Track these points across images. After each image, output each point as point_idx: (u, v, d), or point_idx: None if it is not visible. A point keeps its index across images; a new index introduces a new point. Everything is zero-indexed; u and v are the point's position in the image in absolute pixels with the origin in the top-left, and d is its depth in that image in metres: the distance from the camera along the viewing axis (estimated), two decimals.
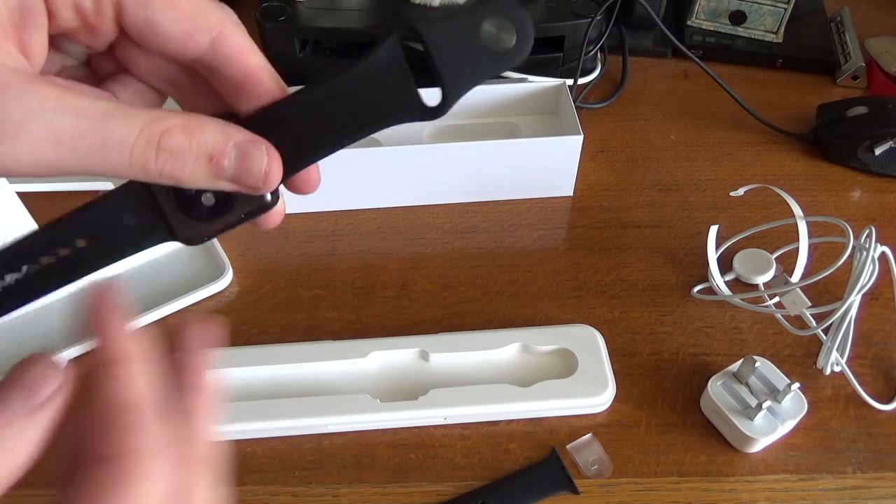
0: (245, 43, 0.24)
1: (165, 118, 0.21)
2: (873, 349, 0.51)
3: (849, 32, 0.76)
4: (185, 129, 0.21)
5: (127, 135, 0.20)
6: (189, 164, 0.21)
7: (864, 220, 0.59)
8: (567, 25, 0.67)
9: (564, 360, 0.49)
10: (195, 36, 0.22)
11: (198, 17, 0.22)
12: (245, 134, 0.23)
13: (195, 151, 0.21)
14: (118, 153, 0.20)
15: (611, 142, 0.67)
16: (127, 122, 0.20)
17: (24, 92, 0.19)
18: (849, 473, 0.44)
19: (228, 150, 0.22)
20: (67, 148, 0.20)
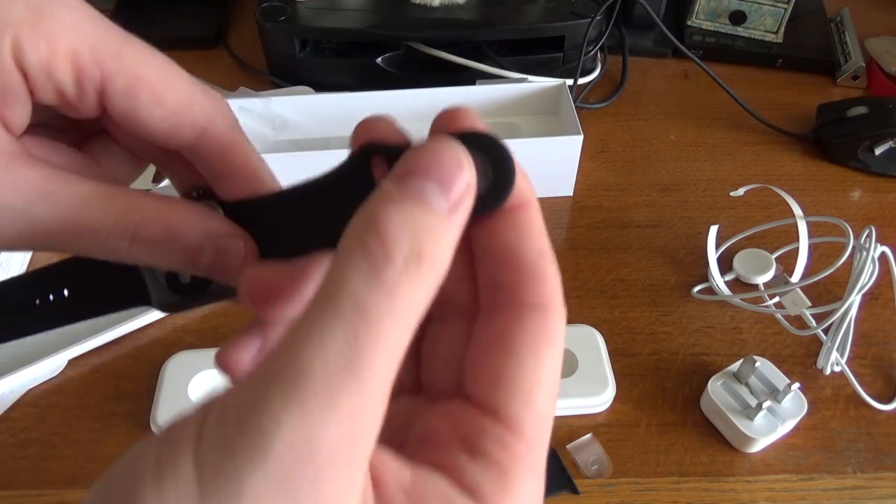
0: (232, 137, 0.22)
1: (142, 207, 0.20)
2: (873, 349, 0.51)
3: (849, 32, 0.76)
4: (162, 221, 0.21)
5: (101, 225, 0.20)
6: (163, 254, 0.21)
7: (864, 220, 0.59)
8: (567, 25, 0.67)
9: (564, 360, 0.49)
10: (179, 132, 0.21)
11: (184, 113, 0.21)
12: (223, 226, 0.22)
13: (170, 244, 0.21)
14: (91, 241, 0.20)
15: (611, 142, 0.67)
16: (102, 211, 0.20)
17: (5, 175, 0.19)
18: (849, 473, 0.44)
19: (205, 245, 0.21)
20: (40, 235, 0.19)
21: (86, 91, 0.20)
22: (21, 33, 0.19)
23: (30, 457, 0.45)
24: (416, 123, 0.71)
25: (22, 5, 0.19)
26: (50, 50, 0.19)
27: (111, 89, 0.20)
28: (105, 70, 0.20)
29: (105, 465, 0.50)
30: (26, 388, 0.48)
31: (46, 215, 0.19)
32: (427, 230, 0.16)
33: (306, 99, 0.63)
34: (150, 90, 0.20)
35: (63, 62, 0.19)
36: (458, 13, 0.67)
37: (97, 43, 0.20)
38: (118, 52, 0.20)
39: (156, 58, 0.21)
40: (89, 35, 0.20)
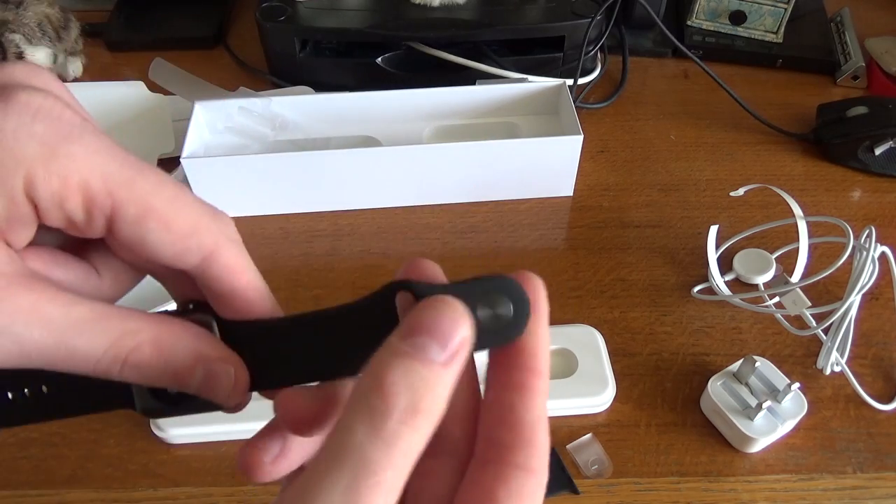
0: (237, 262, 0.23)
1: (136, 332, 0.21)
2: (873, 349, 0.51)
3: (849, 32, 0.76)
4: (155, 346, 0.21)
5: (94, 350, 0.20)
6: (154, 376, 0.22)
7: (864, 220, 0.59)
8: (567, 25, 0.67)
9: (564, 360, 0.49)
10: (186, 256, 0.22)
11: (191, 238, 0.22)
12: (217, 350, 0.23)
13: (161, 368, 0.21)
14: (82, 364, 0.20)
15: (611, 142, 0.67)
16: (96, 337, 0.20)
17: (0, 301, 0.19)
18: (849, 473, 0.45)
19: (196, 371, 0.22)
20: (32, 357, 0.20)
21: (95, 218, 0.21)
22: (34, 169, 0.19)
23: (30, 457, 0.45)
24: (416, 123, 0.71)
25: (37, 143, 0.19)
26: (61, 184, 0.20)
27: (121, 217, 0.21)
28: (116, 199, 0.21)
29: (105, 465, 0.50)
30: None
31: (39, 339, 0.20)
32: (424, 383, 0.18)
33: (306, 99, 0.63)
34: (159, 218, 0.21)
35: (74, 194, 0.20)
36: (458, 13, 0.67)
37: (110, 174, 0.20)
38: (130, 182, 0.21)
39: (166, 185, 0.22)
40: (102, 167, 0.20)
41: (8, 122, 0.19)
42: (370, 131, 0.63)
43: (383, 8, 0.68)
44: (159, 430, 0.45)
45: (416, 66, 0.69)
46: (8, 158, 0.19)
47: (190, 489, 0.44)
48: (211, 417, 0.24)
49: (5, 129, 0.19)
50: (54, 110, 0.20)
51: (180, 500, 0.44)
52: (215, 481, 0.44)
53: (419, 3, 0.67)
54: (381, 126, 0.63)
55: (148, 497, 0.44)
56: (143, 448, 0.45)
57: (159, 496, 0.44)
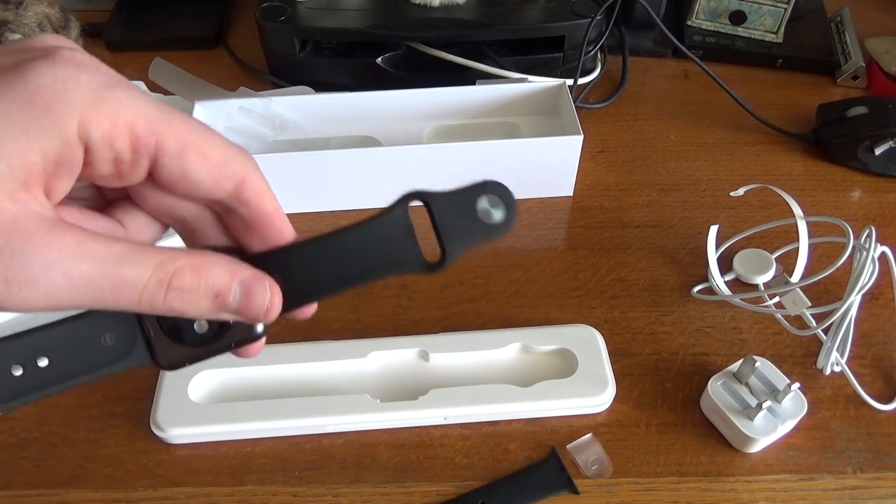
0: (264, 188, 0.26)
1: (175, 258, 0.23)
2: (873, 349, 0.51)
3: (849, 32, 0.76)
4: (194, 269, 0.23)
5: (139, 277, 0.22)
6: (196, 300, 0.23)
7: (864, 220, 0.59)
8: (567, 25, 0.67)
9: (564, 360, 0.49)
10: (222, 183, 0.24)
11: (226, 166, 0.24)
12: (250, 271, 0.25)
13: (203, 289, 0.23)
14: (129, 294, 0.22)
15: (611, 142, 0.67)
16: (140, 265, 0.22)
17: (47, 241, 0.21)
18: (849, 473, 0.45)
19: (234, 287, 0.24)
20: (81, 291, 0.21)
21: (140, 157, 0.23)
22: (87, 113, 0.21)
23: (30, 457, 0.45)
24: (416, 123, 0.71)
25: (86, 90, 0.21)
26: (112, 124, 0.22)
27: (164, 152, 0.23)
28: (159, 137, 0.23)
29: (105, 465, 0.50)
30: None
31: (87, 271, 0.21)
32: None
33: (306, 99, 0.63)
34: (196, 149, 0.23)
35: (123, 134, 0.22)
36: (458, 13, 0.67)
37: (150, 115, 0.23)
38: (168, 121, 0.23)
39: (196, 123, 0.24)
40: (143, 109, 0.22)
41: (58, 72, 0.21)
42: (370, 131, 0.63)
43: (383, 8, 0.68)
44: (159, 430, 0.45)
45: (416, 66, 0.69)
46: (62, 103, 0.21)
47: (190, 489, 0.44)
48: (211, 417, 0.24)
49: (56, 79, 0.21)
50: (93, 64, 0.22)
51: (180, 500, 0.44)
52: (215, 481, 0.44)
53: (419, 3, 0.67)
54: (381, 126, 0.63)
55: (148, 497, 0.44)
56: (143, 448, 0.45)
57: (159, 496, 0.44)
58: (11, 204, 0.20)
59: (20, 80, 0.21)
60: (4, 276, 0.20)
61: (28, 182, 0.21)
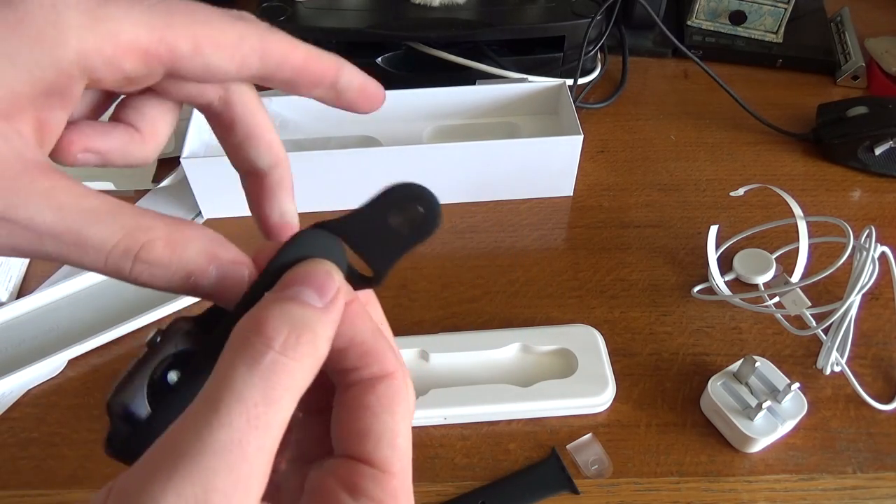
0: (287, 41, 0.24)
1: (150, 228, 0.21)
2: (873, 349, 0.51)
3: (849, 32, 0.76)
4: (168, 243, 0.21)
5: (105, 241, 0.20)
6: (165, 277, 0.21)
7: (864, 220, 0.59)
8: (567, 25, 0.67)
9: (564, 360, 0.49)
10: (246, 62, 0.23)
11: (242, 45, 0.22)
12: (230, 252, 0.22)
13: (174, 267, 0.21)
14: (93, 256, 0.20)
15: (611, 142, 0.67)
16: (108, 227, 0.20)
17: (13, 184, 0.19)
18: (849, 473, 0.45)
19: (209, 270, 0.22)
20: (45, 243, 0.20)
21: (154, 68, 0.21)
22: (84, 38, 0.19)
23: (30, 457, 0.45)
24: (416, 123, 0.71)
25: (76, 11, 0.19)
26: (114, 47, 0.20)
27: (179, 56, 0.21)
28: (167, 42, 0.21)
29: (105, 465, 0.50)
30: (26, 388, 0.48)
31: (52, 224, 0.19)
32: (304, 320, 0.19)
33: (306, 99, 0.63)
34: (209, 40, 0.22)
35: (129, 53, 0.20)
36: (458, 13, 0.67)
37: (152, 23, 0.21)
38: (170, 23, 0.21)
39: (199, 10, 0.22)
40: (143, 19, 0.20)
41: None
42: (370, 131, 0.63)
43: (383, 8, 0.68)
44: None
45: (416, 66, 0.69)
46: (54, 30, 0.19)
47: None
48: None
49: (44, 4, 0.19)
50: None
51: None
52: None
53: (419, 3, 0.67)
54: (381, 126, 0.63)
55: None
56: None
57: None
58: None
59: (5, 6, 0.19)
60: None
61: (10, 113, 0.19)
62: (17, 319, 0.52)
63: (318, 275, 0.20)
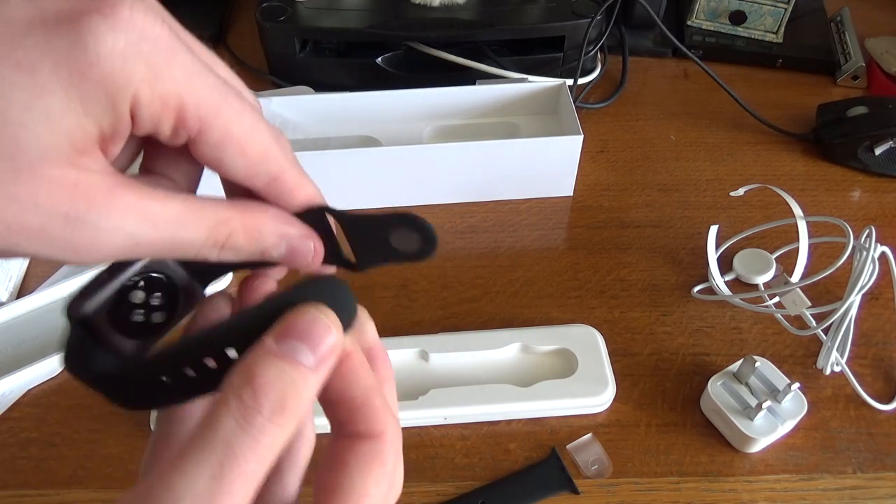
0: (298, 181, 0.26)
1: (229, 220, 0.23)
2: (873, 349, 0.51)
3: (849, 32, 0.76)
4: (246, 230, 0.24)
5: (196, 239, 0.23)
6: (245, 256, 0.24)
7: (864, 220, 0.59)
8: (567, 25, 0.67)
9: (564, 360, 0.49)
10: (255, 179, 0.24)
11: (262, 164, 0.24)
12: (297, 228, 0.25)
13: (252, 248, 0.24)
14: (185, 251, 0.23)
15: (611, 142, 0.67)
16: (196, 227, 0.23)
17: (107, 205, 0.21)
18: (849, 473, 0.45)
19: (281, 245, 0.25)
20: (141, 250, 0.22)
21: (179, 136, 0.22)
22: (141, 91, 0.20)
23: (30, 457, 0.45)
24: (416, 123, 0.71)
25: (144, 64, 0.20)
26: (162, 106, 0.21)
27: (204, 140, 0.23)
28: (203, 124, 0.22)
29: (105, 465, 0.50)
30: (26, 388, 0.48)
31: (149, 234, 0.21)
32: (293, 385, 0.20)
33: (306, 99, 0.63)
34: (237, 144, 0.23)
35: (170, 115, 0.22)
36: (458, 13, 0.67)
37: (202, 100, 0.22)
38: (217, 109, 0.22)
39: (246, 113, 0.23)
40: (197, 92, 0.22)
41: (118, 41, 0.20)
42: (370, 131, 0.63)
43: (383, 8, 0.68)
44: None
45: (416, 66, 0.69)
46: (120, 78, 0.20)
47: None
48: None
49: (115, 50, 0.20)
50: (153, 29, 0.21)
51: None
52: None
53: (419, 3, 0.67)
54: (381, 126, 0.63)
55: None
56: (142, 448, 0.45)
57: None
58: (72, 169, 0.20)
59: (77, 45, 0.19)
60: (72, 243, 0.20)
61: (86, 149, 0.21)
62: (17, 319, 0.52)
63: (316, 330, 0.21)
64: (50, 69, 0.19)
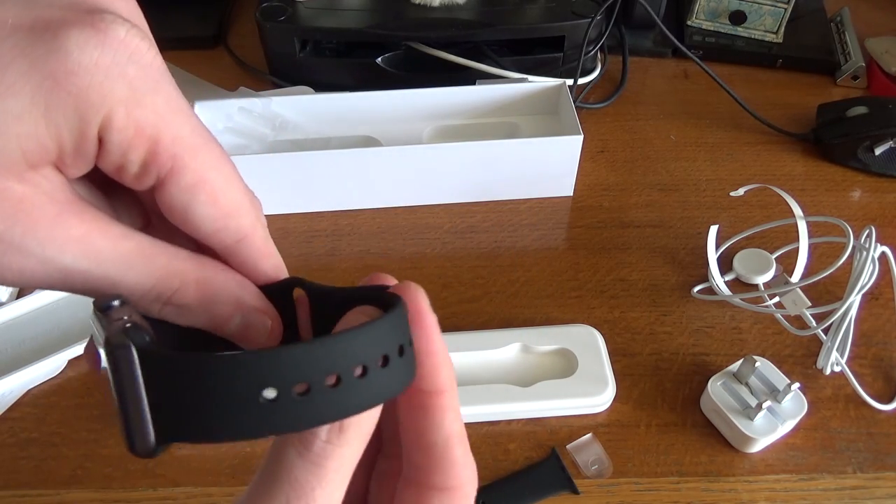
0: (266, 247, 0.23)
1: (182, 273, 0.21)
2: (873, 349, 0.51)
3: (849, 32, 0.76)
4: (198, 290, 0.21)
5: (138, 286, 0.20)
6: (191, 319, 0.22)
7: (864, 220, 0.59)
8: (567, 25, 0.67)
9: (564, 360, 0.49)
10: (222, 235, 0.22)
11: (232, 219, 0.22)
12: (257, 300, 0.23)
13: (201, 311, 0.22)
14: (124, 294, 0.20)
15: (611, 142, 0.67)
16: (142, 275, 0.20)
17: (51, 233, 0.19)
18: (849, 473, 0.44)
19: (234, 317, 0.22)
20: (76, 285, 0.20)
21: (149, 174, 0.20)
22: (116, 112, 0.19)
23: (30, 457, 0.45)
24: (416, 123, 0.71)
25: (126, 86, 0.19)
26: (135, 133, 0.19)
27: (175, 181, 0.20)
28: (177, 163, 0.20)
29: (105, 465, 0.50)
30: (26, 388, 0.48)
31: (86, 270, 0.20)
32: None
33: (306, 99, 0.63)
34: (210, 192, 0.21)
35: (141, 146, 0.20)
36: (458, 13, 0.67)
37: (180, 137, 0.20)
38: (195, 150, 0.20)
39: (224, 163, 0.22)
40: (177, 128, 0.20)
41: (104, 57, 0.18)
42: (370, 131, 0.63)
43: (383, 8, 0.68)
44: None
45: (416, 66, 0.69)
46: (96, 95, 0.18)
47: (189, 489, 0.44)
48: None
49: (100, 65, 0.18)
50: (147, 55, 0.19)
51: (180, 499, 0.44)
52: (215, 481, 0.44)
53: (419, 3, 0.67)
54: (381, 126, 0.63)
55: (147, 497, 0.44)
56: None
57: (159, 496, 0.44)
58: (18, 183, 0.18)
59: (60, 52, 0.18)
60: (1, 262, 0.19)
61: (36, 164, 0.19)
62: (17, 319, 0.52)
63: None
64: (23, 70, 0.18)
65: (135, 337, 0.18)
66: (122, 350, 0.18)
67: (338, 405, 0.18)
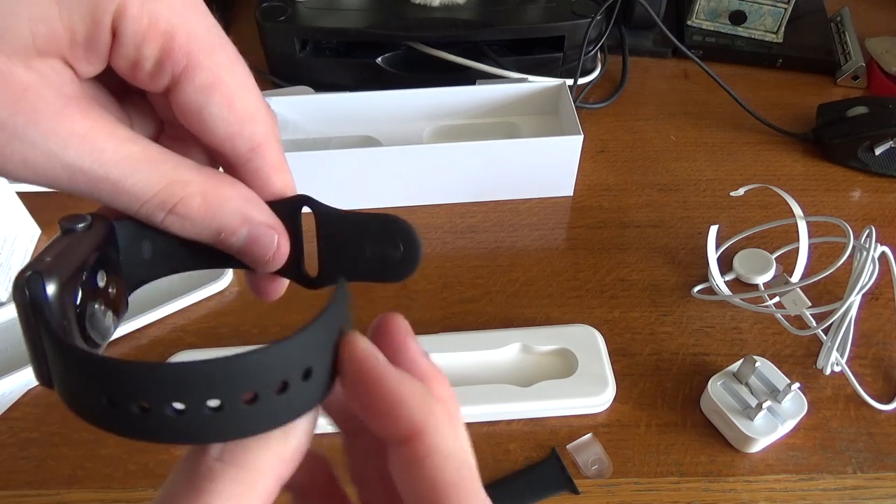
0: (278, 161, 0.23)
1: (188, 182, 0.20)
2: (873, 349, 0.51)
3: (849, 32, 0.76)
4: (204, 201, 0.20)
5: (143, 192, 0.20)
6: (195, 231, 0.21)
7: (864, 220, 0.59)
8: (567, 25, 0.67)
9: (564, 360, 0.49)
10: (236, 141, 0.21)
11: (247, 125, 0.21)
12: (265, 215, 0.22)
13: (206, 223, 0.21)
14: (127, 202, 0.20)
15: (611, 142, 0.67)
16: (146, 179, 0.20)
17: (53, 125, 0.18)
18: (849, 473, 0.45)
19: (240, 231, 0.21)
20: (80, 185, 0.19)
21: (164, 71, 0.20)
22: (129, 2, 0.18)
23: (30, 457, 0.45)
24: (416, 123, 0.71)
25: None
26: (149, 25, 0.19)
27: (190, 79, 0.20)
28: (192, 60, 0.20)
29: (105, 465, 0.50)
30: (26, 388, 0.48)
31: (90, 170, 0.19)
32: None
33: (306, 99, 0.63)
34: (225, 93, 0.20)
35: (156, 39, 0.19)
36: (458, 13, 0.67)
37: (195, 34, 0.20)
38: (210, 49, 0.20)
39: (240, 66, 0.21)
40: (192, 25, 0.20)
41: None
42: (370, 131, 0.63)
43: (383, 8, 0.68)
44: None
45: (416, 66, 0.69)
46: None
47: None
48: None
49: None
50: None
51: None
52: None
53: (419, 3, 0.67)
54: (381, 126, 0.63)
55: (148, 497, 0.44)
56: (143, 448, 0.45)
57: None
58: (25, 70, 0.18)
59: None
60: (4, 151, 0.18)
61: (46, 51, 0.18)
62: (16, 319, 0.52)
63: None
64: None
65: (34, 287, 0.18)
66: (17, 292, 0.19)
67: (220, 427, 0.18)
